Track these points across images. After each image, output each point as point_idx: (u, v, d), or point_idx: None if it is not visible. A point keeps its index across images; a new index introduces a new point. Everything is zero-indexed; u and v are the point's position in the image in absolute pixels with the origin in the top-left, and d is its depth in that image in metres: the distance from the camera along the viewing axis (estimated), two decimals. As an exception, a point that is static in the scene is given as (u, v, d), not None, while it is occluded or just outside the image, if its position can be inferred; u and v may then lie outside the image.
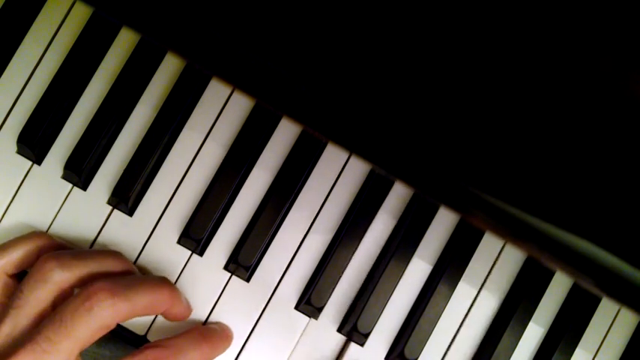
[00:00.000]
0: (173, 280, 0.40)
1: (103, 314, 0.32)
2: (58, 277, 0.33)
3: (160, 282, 0.36)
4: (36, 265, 0.33)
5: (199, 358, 0.36)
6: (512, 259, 0.41)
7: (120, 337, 0.40)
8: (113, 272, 0.36)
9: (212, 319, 0.40)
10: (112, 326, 0.33)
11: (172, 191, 0.40)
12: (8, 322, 0.32)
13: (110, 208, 0.41)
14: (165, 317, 0.38)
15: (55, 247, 0.37)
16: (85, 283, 0.33)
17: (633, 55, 0.29)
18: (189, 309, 0.39)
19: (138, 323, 0.40)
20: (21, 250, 0.36)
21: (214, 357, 0.38)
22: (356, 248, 0.40)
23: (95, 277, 0.35)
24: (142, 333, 0.40)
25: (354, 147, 0.35)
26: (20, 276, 0.36)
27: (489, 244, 0.41)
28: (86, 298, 0.32)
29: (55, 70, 0.41)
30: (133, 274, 0.38)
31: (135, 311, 0.33)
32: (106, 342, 0.40)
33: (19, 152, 0.41)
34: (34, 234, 0.38)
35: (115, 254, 0.37)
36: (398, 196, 0.41)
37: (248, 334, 0.40)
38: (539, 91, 0.31)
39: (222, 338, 0.38)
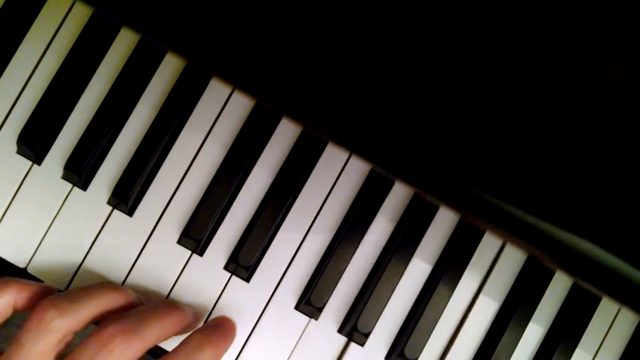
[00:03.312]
0: (173, 281, 0.40)
1: (121, 357, 0.31)
2: (61, 326, 0.31)
3: (167, 309, 0.35)
4: (34, 315, 0.32)
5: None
6: (512, 259, 0.41)
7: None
8: (113, 308, 0.35)
9: (211, 319, 0.40)
10: None
11: (172, 191, 0.40)
12: None
13: (110, 208, 0.41)
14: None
15: (31, 296, 0.35)
16: (87, 326, 0.33)
17: (634, 57, 0.29)
18: (197, 322, 0.39)
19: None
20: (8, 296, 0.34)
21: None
22: (356, 248, 0.40)
23: (98, 317, 0.34)
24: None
25: (354, 147, 0.35)
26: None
27: (489, 244, 0.41)
28: (102, 345, 0.31)
29: (55, 71, 0.41)
30: (132, 303, 0.36)
31: (148, 346, 0.33)
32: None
33: (19, 152, 0.41)
34: (5, 284, 0.34)
35: (108, 286, 0.36)
36: (398, 196, 0.41)
37: (248, 334, 0.40)
38: (539, 92, 0.31)
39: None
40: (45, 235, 0.40)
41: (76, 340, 0.34)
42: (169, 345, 0.39)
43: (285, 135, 0.41)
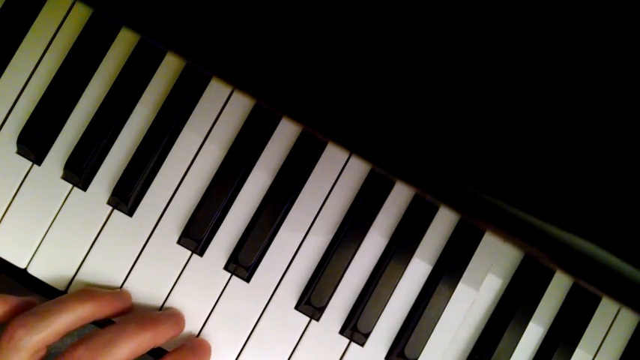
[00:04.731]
0: (173, 281, 0.40)
1: None
2: (29, 344, 0.33)
3: (139, 327, 0.36)
4: (5, 334, 0.33)
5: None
6: (512, 258, 0.41)
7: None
8: (86, 316, 0.36)
9: (212, 319, 0.40)
10: None
11: (172, 191, 0.40)
12: None
13: (110, 208, 0.41)
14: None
15: (13, 310, 0.36)
16: (60, 337, 0.34)
17: (633, 57, 0.29)
18: (178, 329, 0.39)
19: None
20: None
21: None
22: (356, 248, 0.40)
23: (71, 327, 0.35)
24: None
25: (354, 147, 0.35)
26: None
27: (489, 244, 0.41)
28: None
29: (55, 71, 0.41)
30: (108, 306, 0.37)
31: None
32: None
33: (18, 152, 0.41)
34: None
35: (81, 296, 0.36)
36: (398, 196, 0.41)
37: (248, 334, 0.40)
38: (539, 92, 0.31)
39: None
40: (45, 236, 0.40)
41: (74, 338, 0.35)
42: (169, 345, 0.39)
43: (285, 135, 0.41)
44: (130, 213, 0.40)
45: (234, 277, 0.40)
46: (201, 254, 0.40)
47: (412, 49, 0.31)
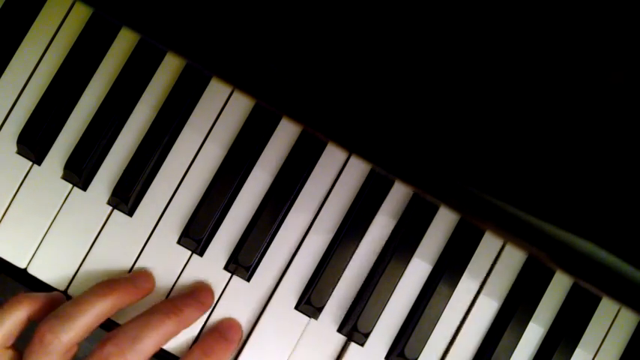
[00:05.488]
0: (173, 281, 0.40)
1: None
2: (59, 346, 0.34)
3: (164, 316, 0.36)
4: (35, 338, 0.34)
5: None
6: (513, 258, 0.41)
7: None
8: (106, 312, 0.36)
9: (212, 318, 0.40)
10: None
11: (172, 191, 0.40)
12: None
13: (110, 208, 0.41)
14: None
15: (42, 307, 0.37)
16: (88, 334, 0.35)
17: (633, 57, 0.29)
18: (203, 308, 0.39)
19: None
20: (11, 320, 0.36)
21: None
22: (356, 248, 0.40)
23: (96, 323, 0.36)
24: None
25: (354, 147, 0.35)
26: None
27: (489, 244, 0.41)
28: None
29: (55, 71, 0.41)
30: (128, 295, 0.38)
31: (147, 357, 0.35)
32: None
33: (19, 152, 0.41)
34: (17, 300, 0.37)
35: (100, 292, 0.37)
36: (398, 196, 0.41)
37: (248, 334, 0.40)
38: (539, 92, 0.31)
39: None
40: (45, 236, 0.40)
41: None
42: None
43: (285, 135, 0.41)
44: (130, 213, 0.40)
45: (234, 277, 0.40)
46: (201, 254, 0.40)
47: (412, 50, 0.31)
